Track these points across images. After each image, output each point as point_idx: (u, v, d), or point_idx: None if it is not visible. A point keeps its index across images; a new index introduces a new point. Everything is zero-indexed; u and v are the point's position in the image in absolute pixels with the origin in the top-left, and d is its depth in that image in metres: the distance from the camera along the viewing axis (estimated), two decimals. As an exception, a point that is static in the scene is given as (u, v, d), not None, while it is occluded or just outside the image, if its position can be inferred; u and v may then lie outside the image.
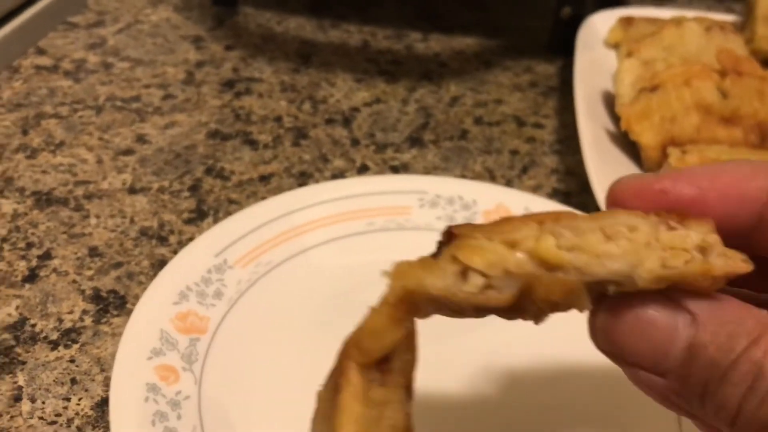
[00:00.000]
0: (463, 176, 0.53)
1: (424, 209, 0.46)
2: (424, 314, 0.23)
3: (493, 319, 0.23)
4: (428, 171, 0.53)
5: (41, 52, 0.64)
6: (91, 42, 0.66)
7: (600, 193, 0.46)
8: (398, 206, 0.46)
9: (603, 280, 0.22)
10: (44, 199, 0.48)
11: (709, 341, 0.20)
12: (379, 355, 0.23)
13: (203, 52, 0.66)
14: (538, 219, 0.22)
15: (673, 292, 0.21)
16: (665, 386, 0.21)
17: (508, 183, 0.52)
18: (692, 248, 0.21)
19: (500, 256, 0.21)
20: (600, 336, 0.22)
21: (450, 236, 0.23)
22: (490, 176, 0.53)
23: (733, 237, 0.22)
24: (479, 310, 0.22)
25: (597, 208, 0.46)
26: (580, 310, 0.22)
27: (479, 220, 0.45)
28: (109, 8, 0.72)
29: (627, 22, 0.63)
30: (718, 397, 0.20)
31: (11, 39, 0.62)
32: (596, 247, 0.21)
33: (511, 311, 0.22)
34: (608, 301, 0.22)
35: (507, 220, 0.22)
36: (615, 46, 0.62)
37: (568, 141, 0.57)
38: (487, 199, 0.46)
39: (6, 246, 0.44)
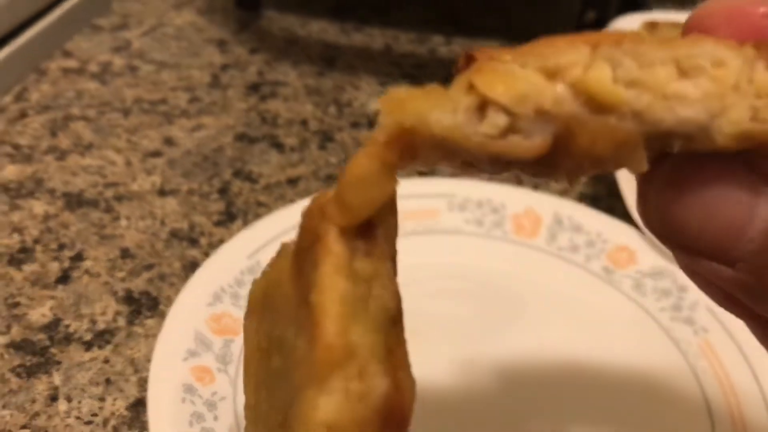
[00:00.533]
0: (490, 180, 0.53)
1: (452, 212, 0.46)
2: (424, 161, 0.18)
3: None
4: (454, 174, 0.53)
5: (67, 54, 0.65)
6: (116, 45, 0.67)
7: (629, 198, 0.46)
8: (427, 209, 0.46)
9: (669, 132, 0.16)
10: (75, 201, 0.48)
11: None
12: (366, 214, 0.17)
13: (228, 55, 0.66)
14: (592, 41, 0.16)
15: (756, 158, 0.17)
16: (733, 279, 0.17)
17: (535, 187, 0.52)
18: None
19: (534, 87, 0.16)
20: (653, 211, 0.18)
21: (469, 60, 0.17)
22: (517, 180, 0.53)
23: None
24: (496, 163, 0.17)
25: (625, 212, 0.46)
26: (633, 170, 0.17)
27: (508, 223, 0.45)
28: (132, 11, 0.73)
29: (651, 26, 0.62)
30: None
31: (37, 41, 0.63)
32: (667, 85, 0.16)
33: (539, 166, 0.17)
34: (670, 163, 0.17)
35: (549, 42, 0.17)
36: (640, 50, 0.62)
37: (594, 145, 0.57)
38: (516, 203, 0.46)
39: (39, 247, 0.45)
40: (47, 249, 0.45)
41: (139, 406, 0.36)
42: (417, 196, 0.47)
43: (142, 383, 0.37)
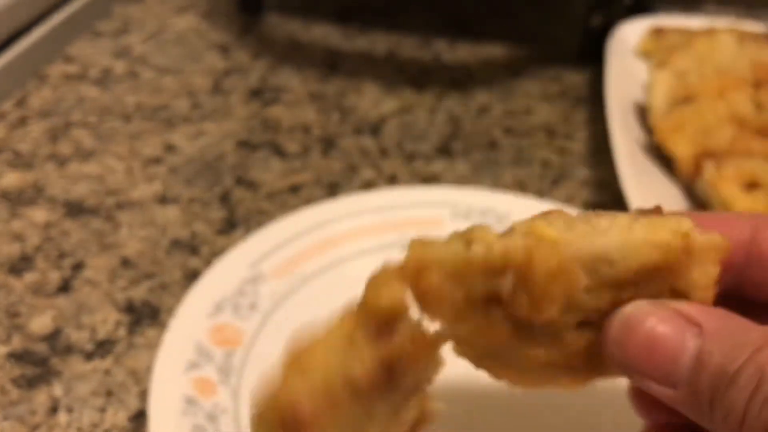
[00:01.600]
0: (494, 188, 0.52)
1: (456, 221, 0.46)
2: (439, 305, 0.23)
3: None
4: (458, 182, 0.53)
5: (68, 59, 0.64)
6: (118, 50, 0.66)
7: (634, 206, 0.45)
8: (429, 218, 0.46)
9: (594, 265, 0.22)
10: (75, 209, 0.48)
11: (715, 350, 0.21)
12: (382, 312, 0.22)
13: (230, 60, 0.66)
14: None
15: (678, 304, 0.22)
16: (677, 397, 0.22)
17: (540, 195, 0.52)
18: (671, 230, 0.22)
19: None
20: (614, 350, 0.23)
21: None
22: (521, 188, 0.53)
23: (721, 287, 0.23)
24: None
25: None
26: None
27: (513, 232, 0.45)
28: (134, 16, 0.72)
29: (658, 32, 0.62)
30: (725, 403, 0.20)
31: (38, 46, 0.63)
32: (585, 230, 0.22)
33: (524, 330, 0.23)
34: (619, 316, 0.23)
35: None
36: (646, 55, 0.61)
37: (600, 152, 0.56)
38: (521, 212, 0.45)
39: (39, 256, 0.44)
40: (48, 258, 0.44)
41: (140, 417, 0.36)
42: (419, 205, 0.46)
43: (143, 394, 0.37)
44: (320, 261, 0.42)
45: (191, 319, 0.37)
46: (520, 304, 0.22)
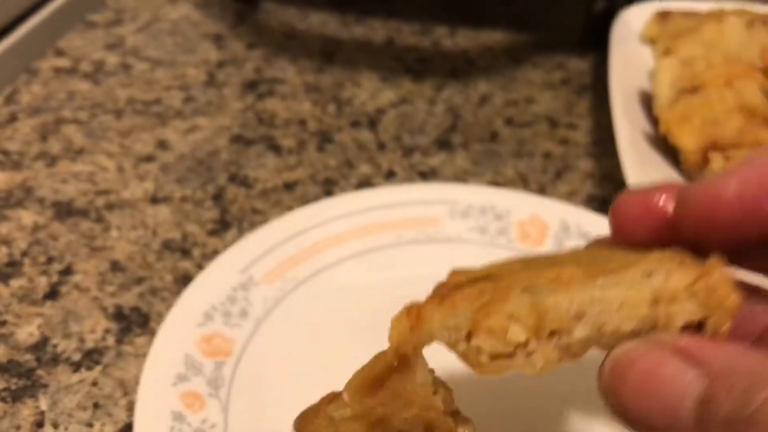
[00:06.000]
0: (495, 182, 0.51)
1: (454, 220, 0.44)
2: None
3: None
4: (458, 176, 0.51)
5: (60, 53, 0.63)
6: (110, 42, 0.65)
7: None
8: (428, 217, 0.44)
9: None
10: (64, 210, 0.47)
11: (723, 395, 0.18)
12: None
13: (224, 51, 0.64)
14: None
15: (680, 338, 0.20)
16: None
17: (541, 188, 0.50)
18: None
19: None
20: (608, 398, 0.20)
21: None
22: (523, 181, 0.51)
23: None
24: None
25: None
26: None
27: (513, 231, 0.44)
28: (127, 6, 0.71)
29: (663, 16, 0.60)
30: None
31: (29, 39, 0.61)
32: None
33: None
34: (608, 360, 0.20)
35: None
36: (651, 41, 0.60)
37: (604, 143, 0.55)
38: (522, 209, 0.44)
39: (27, 261, 0.43)
40: (35, 262, 0.43)
41: (127, 431, 0.35)
42: (417, 203, 0.45)
43: (132, 407, 0.36)
44: (313, 264, 0.41)
45: (179, 329, 0.36)
46: None
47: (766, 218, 0.22)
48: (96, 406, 0.36)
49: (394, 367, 0.24)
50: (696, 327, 0.20)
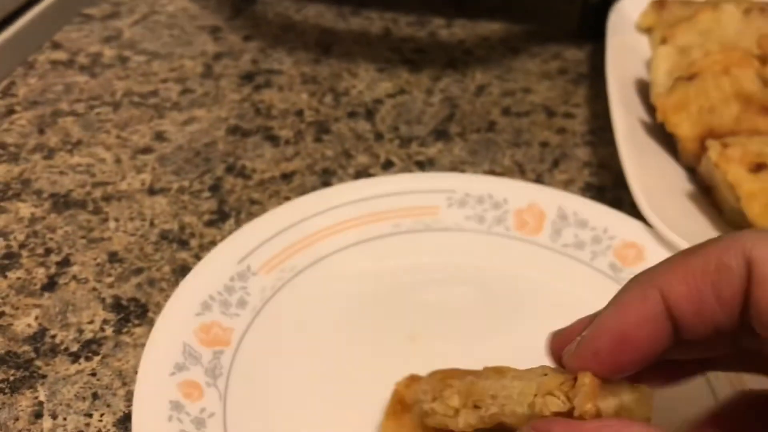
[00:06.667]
0: (492, 171, 0.51)
1: (452, 209, 0.44)
2: None
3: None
4: (455, 166, 0.51)
5: (57, 46, 0.63)
6: (107, 35, 0.65)
7: (636, 188, 0.44)
8: (425, 206, 0.44)
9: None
10: (62, 202, 0.47)
11: None
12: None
13: (221, 43, 0.64)
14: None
15: (551, 421, 0.25)
16: None
17: (539, 177, 0.50)
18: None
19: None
20: None
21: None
22: (520, 170, 0.51)
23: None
24: None
25: (632, 203, 0.44)
26: None
27: (511, 219, 0.44)
28: (124, -2, 0.71)
29: (659, 5, 0.60)
30: None
31: (27, 32, 0.61)
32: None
33: None
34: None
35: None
36: (647, 30, 0.60)
37: (601, 132, 0.55)
38: (519, 198, 0.44)
39: (24, 252, 0.43)
40: (33, 254, 0.43)
41: (126, 421, 0.35)
42: (415, 192, 0.45)
43: (130, 397, 0.36)
44: (311, 254, 0.41)
45: (178, 318, 0.36)
46: None
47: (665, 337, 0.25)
48: (94, 396, 0.36)
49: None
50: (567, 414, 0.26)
